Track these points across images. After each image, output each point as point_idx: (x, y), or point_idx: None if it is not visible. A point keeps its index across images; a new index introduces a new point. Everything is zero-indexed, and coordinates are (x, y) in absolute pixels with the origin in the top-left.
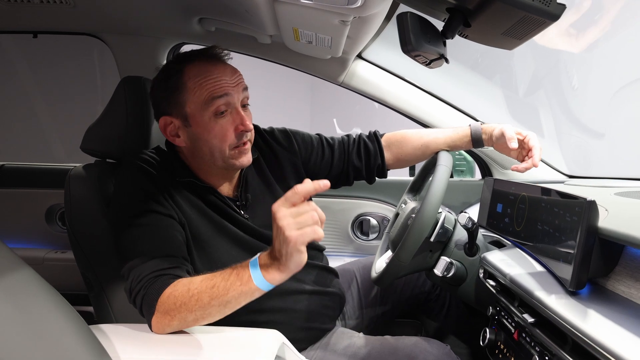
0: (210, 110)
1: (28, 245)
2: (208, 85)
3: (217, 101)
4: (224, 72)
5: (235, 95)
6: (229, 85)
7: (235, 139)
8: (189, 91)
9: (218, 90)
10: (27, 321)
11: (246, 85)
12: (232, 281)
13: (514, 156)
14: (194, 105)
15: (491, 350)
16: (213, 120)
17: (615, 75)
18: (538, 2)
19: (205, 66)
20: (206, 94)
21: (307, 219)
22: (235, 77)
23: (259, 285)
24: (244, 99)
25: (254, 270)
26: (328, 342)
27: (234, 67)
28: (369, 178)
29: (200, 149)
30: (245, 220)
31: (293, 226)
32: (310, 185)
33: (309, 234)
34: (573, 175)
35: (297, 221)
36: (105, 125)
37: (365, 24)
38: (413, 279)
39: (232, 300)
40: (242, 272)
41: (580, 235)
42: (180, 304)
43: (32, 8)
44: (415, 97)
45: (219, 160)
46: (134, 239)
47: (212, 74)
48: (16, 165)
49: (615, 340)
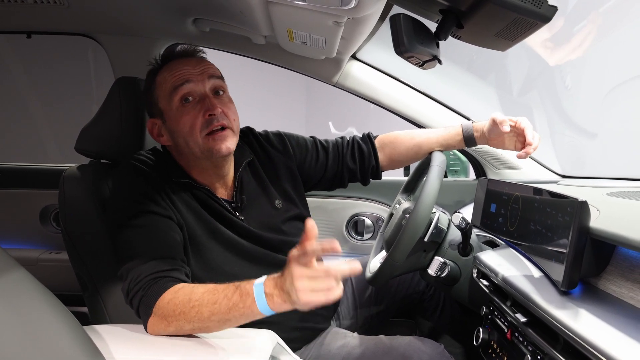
0: (175, 100)
1: (22, 246)
2: (170, 77)
3: (180, 89)
4: (188, 63)
5: (199, 82)
6: (191, 73)
7: (205, 124)
8: (158, 87)
9: (179, 79)
10: (21, 322)
11: (216, 74)
12: (235, 302)
13: (510, 147)
14: (163, 100)
15: (484, 349)
16: (180, 109)
17: (608, 75)
18: (529, 4)
19: (172, 63)
20: (169, 85)
21: (322, 286)
22: (199, 67)
23: (262, 310)
24: (216, 87)
25: (259, 297)
26: (322, 342)
27: (202, 58)
28: (364, 180)
29: (179, 144)
30: (241, 222)
31: (307, 288)
32: (318, 246)
33: (320, 300)
34: (566, 175)
35: (312, 284)
36: (99, 126)
37: (359, 25)
38: (407, 278)
39: (232, 319)
40: (246, 295)
41: (572, 236)
42: (180, 313)
43: (25, 8)
44: (409, 97)
45: (197, 151)
46: (132, 239)
47: (175, 66)
48: (10, 165)
49: (606, 340)
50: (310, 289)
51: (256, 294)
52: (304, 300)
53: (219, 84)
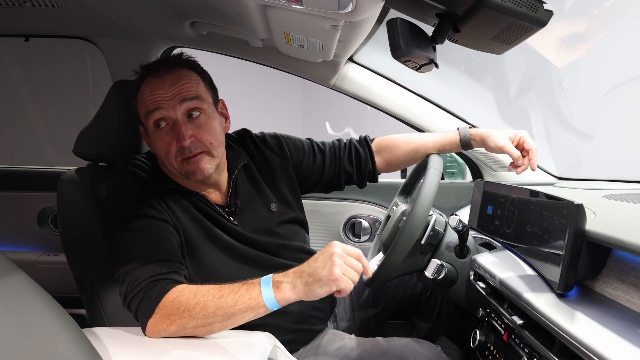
0: (150, 124)
1: (20, 248)
2: (144, 99)
3: (151, 115)
4: (161, 86)
5: (170, 109)
6: (162, 98)
7: (179, 152)
8: (139, 104)
9: (150, 104)
10: (19, 325)
11: (189, 96)
12: (241, 294)
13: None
14: (143, 118)
15: (481, 351)
16: (155, 133)
17: (605, 77)
18: (525, 9)
19: (149, 80)
20: (143, 108)
21: (353, 271)
22: (173, 89)
23: (267, 301)
24: (189, 110)
25: (265, 287)
26: (320, 344)
27: (179, 77)
28: (360, 183)
29: (160, 160)
30: (235, 227)
31: (340, 268)
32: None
33: (346, 283)
34: (563, 177)
35: (346, 266)
36: (97, 129)
37: (357, 28)
38: (404, 280)
39: (238, 314)
40: (252, 287)
41: (568, 238)
42: (184, 309)
43: (23, 12)
44: (406, 99)
45: (175, 171)
46: (129, 243)
47: (149, 87)
48: (8, 168)
49: (602, 342)
50: (342, 269)
51: (263, 284)
52: (335, 276)
53: (192, 106)
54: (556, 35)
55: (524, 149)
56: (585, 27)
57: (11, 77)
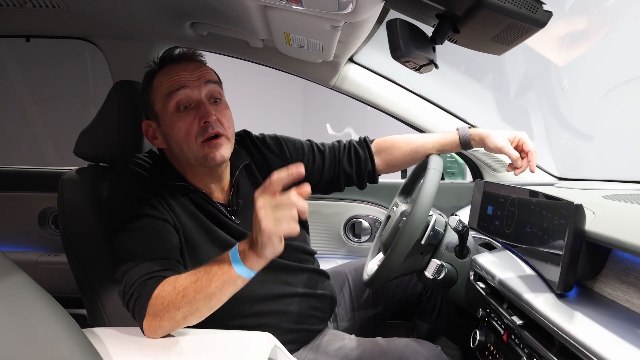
0: (171, 105)
1: (21, 249)
2: (167, 80)
3: (176, 94)
4: (185, 68)
5: (195, 88)
6: (188, 79)
7: (200, 131)
8: (155, 90)
9: (175, 83)
10: (20, 325)
11: (213, 80)
12: (214, 272)
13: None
14: (159, 103)
15: (481, 351)
16: (176, 115)
17: (605, 77)
18: (525, 10)
19: (170, 66)
20: (165, 89)
21: (285, 214)
22: (197, 72)
23: (240, 272)
24: (212, 93)
25: (234, 258)
26: (320, 344)
27: (201, 63)
28: (360, 184)
29: (174, 148)
30: (236, 226)
31: (270, 217)
32: (284, 172)
33: (283, 229)
34: (563, 178)
35: (275, 213)
36: (98, 130)
37: (357, 29)
38: (404, 281)
39: (217, 292)
40: (222, 261)
41: (567, 239)
42: (168, 303)
43: (24, 12)
44: (406, 100)
45: (191, 157)
46: (128, 242)
47: (173, 70)
48: (9, 168)
49: (601, 343)
50: (272, 218)
51: (231, 257)
52: (267, 231)
53: (215, 90)
54: (556, 35)
55: (523, 150)
56: (586, 26)
57: (12, 78)
